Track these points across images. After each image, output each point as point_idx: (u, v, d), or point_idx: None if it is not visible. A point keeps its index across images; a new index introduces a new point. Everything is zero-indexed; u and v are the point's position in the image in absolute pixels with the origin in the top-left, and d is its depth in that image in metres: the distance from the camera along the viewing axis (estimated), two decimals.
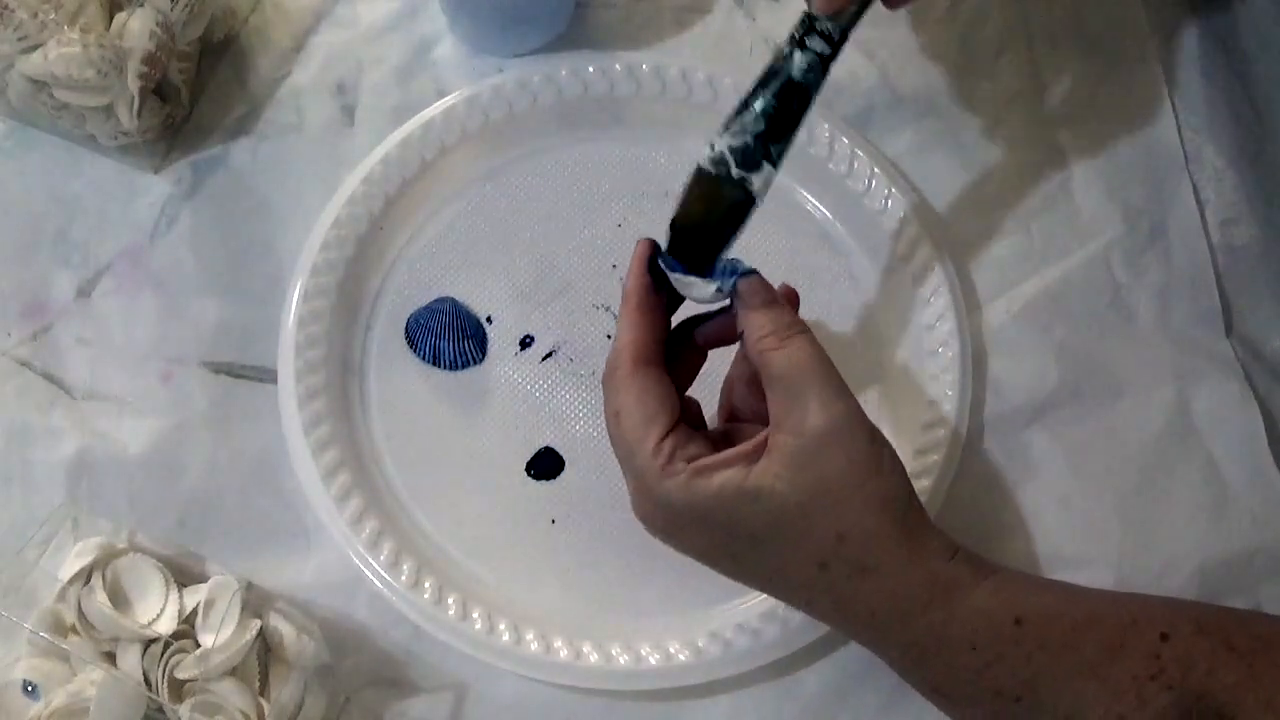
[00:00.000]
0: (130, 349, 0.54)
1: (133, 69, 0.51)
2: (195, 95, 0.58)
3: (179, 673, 0.44)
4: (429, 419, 0.53)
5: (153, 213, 0.56)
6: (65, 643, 0.44)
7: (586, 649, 0.48)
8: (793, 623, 0.48)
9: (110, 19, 0.51)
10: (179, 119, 0.57)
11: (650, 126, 0.57)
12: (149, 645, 0.44)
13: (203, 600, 0.45)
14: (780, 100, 0.42)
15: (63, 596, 0.45)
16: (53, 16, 0.49)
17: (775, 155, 0.42)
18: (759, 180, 0.42)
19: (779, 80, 0.42)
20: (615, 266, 0.55)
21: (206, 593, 0.46)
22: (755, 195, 0.42)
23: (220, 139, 0.57)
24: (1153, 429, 0.53)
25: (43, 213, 0.56)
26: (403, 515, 0.52)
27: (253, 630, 0.45)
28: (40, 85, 0.52)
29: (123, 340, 0.54)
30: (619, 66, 0.57)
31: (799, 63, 0.42)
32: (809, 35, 0.42)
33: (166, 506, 0.51)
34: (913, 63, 0.59)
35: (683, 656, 0.48)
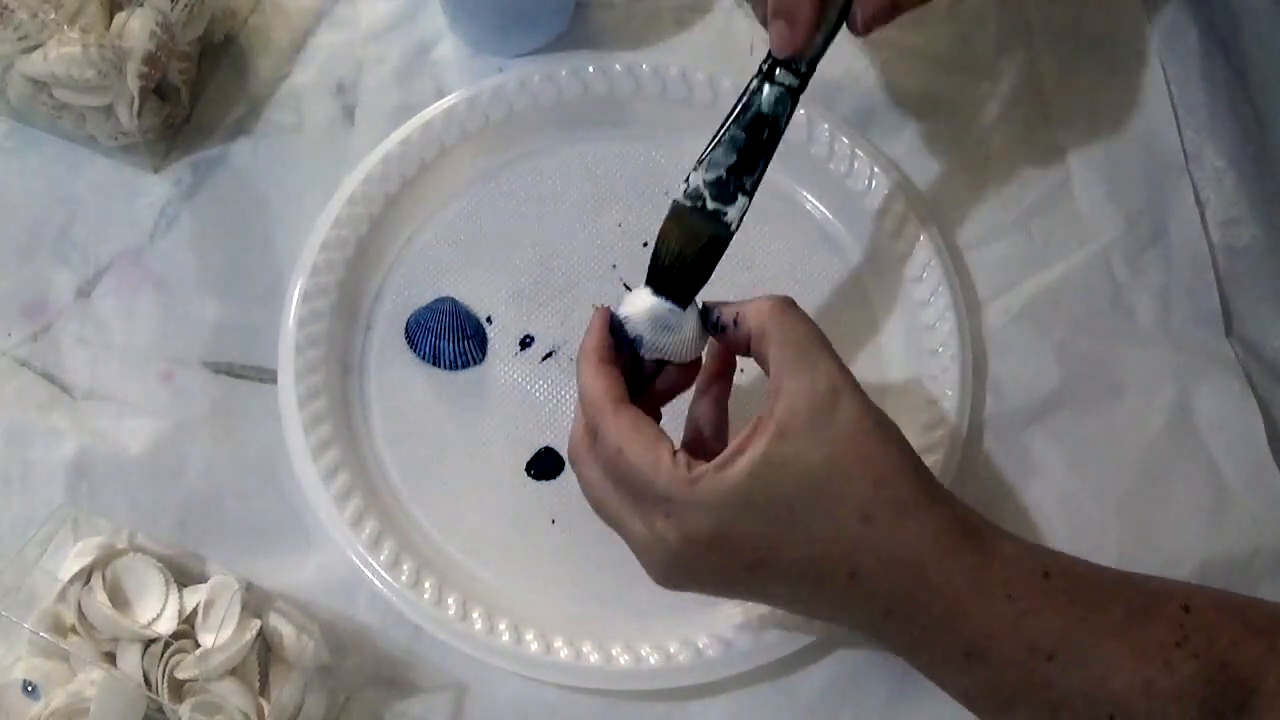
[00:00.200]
0: (130, 349, 0.54)
1: (133, 69, 0.51)
2: (195, 95, 0.58)
3: (179, 673, 0.44)
4: (429, 419, 0.53)
5: (153, 213, 0.56)
6: (65, 643, 0.44)
7: (586, 649, 0.48)
8: (793, 623, 0.48)
9: (110, 19, 0.51)
10: (179, 119, 0.57)
11: (650, 126, 0.57)
12: (149, 645, 0.44)
13: (203, 600, 0.45)
14: (750, 134, 0.43)
15: (63, 596, 0.45)
16: (53, 16, 0.49)
17: (749, 186, 0.43)
18: (734, 211, 0.43)
19: (748, 114, 0.43)
20: (615, 266, 0.55)
21: (206, 593, 0.46)
22: (730, 226, 0.43)
23: (220, 139, 0.57)
24: (1153, 429, 0.53)
25: (43, 213, 0.56)
26: (403, 515, 0.51)
27: (253, 630, 0.45)
28: (40, 85, 0.52)
29: (123, 340, 0.54)
30: (619, 66, 0.57)
31: (767, 96, 0.43)
32: (777, 69, 0.43)
33: (166, 506, 0.51)
34: (913, 63, 0.59)
35: (683, 656, 0.48)
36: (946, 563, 0.38)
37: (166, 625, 0.45)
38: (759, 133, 0.43)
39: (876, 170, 0.55)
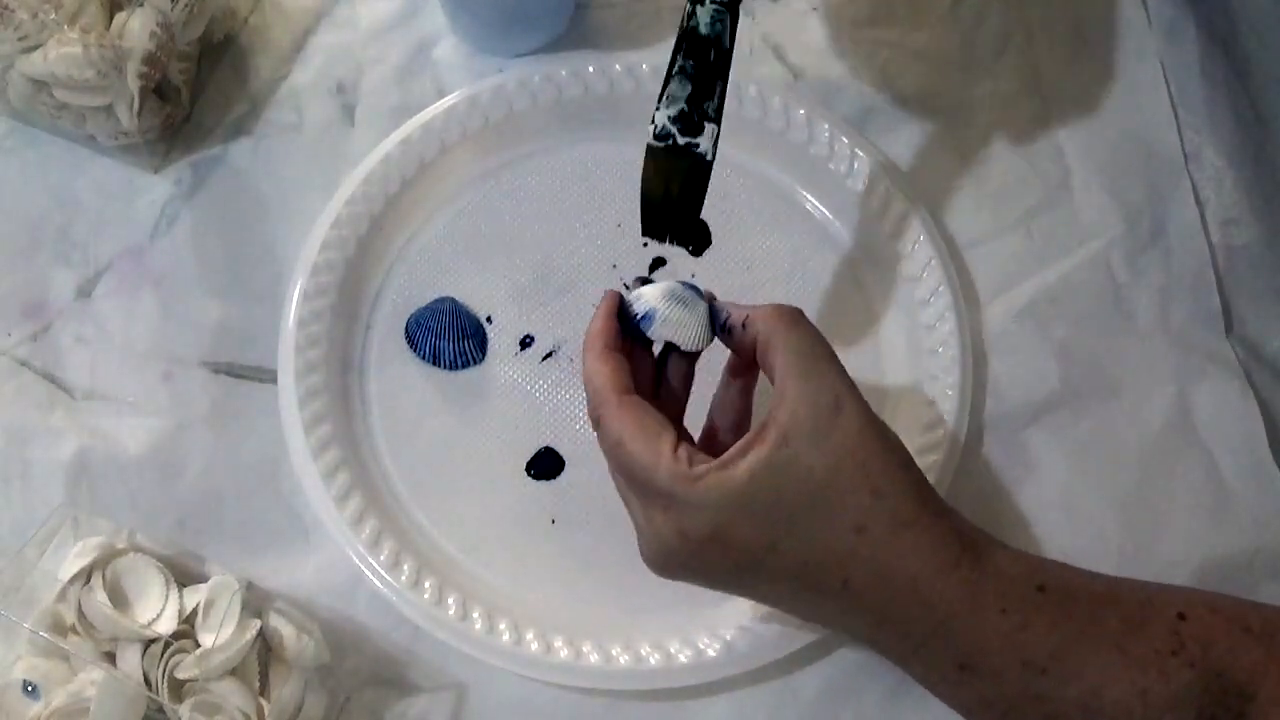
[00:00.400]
0: (130, 349, 0.54)
1: (133, 69, 0.51)
2: (195, 95, 0.58)
3: (179, 673, 0.44)
4: (429, 419, 0.53)
5: (153, 213, 0.56)
6: (65, 643, 0.44)
7: (586, 649, 0.48)
8: (793, 623, 0.48)
9: (110, 19, 0.51)
10: (179, 119, 0.57)
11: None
12: (149, 645, 0.44)
13: (203, 600, 0.45)
14: (697, 59, 0.43)
15: (63, 596, 0.45)
16: (53, 16, 0.49)
17: (712, 113, 0.43)
18: (705, 140, 0.43)
19: (690, 40, 0.43)
20: (615, 266, 0.55)
21: (206, 593, 0.46)
22: (705, 155, 0.43)
23: (220, 139, 0.57)
24: (1153, 429, 0.53)
25: (43, 212, 0.56)
26: (403, 515, 0.51)
27: (253, 630, 0.45)
28: (40, 85, 0.52)
29: (123, 340, 0.54)
30: (619, 66, 0.57)
31: (703, 17, 0.43)
32: None
33: (166, 506, 0.51)
34: (913, 63, 0.59)
35: (683, 657, 0.48)
36: (940, 577, 0.38)
37: (166, 625, 0.45)
38: (705, 55, 0.43)
39: (876, 170, 0.55)
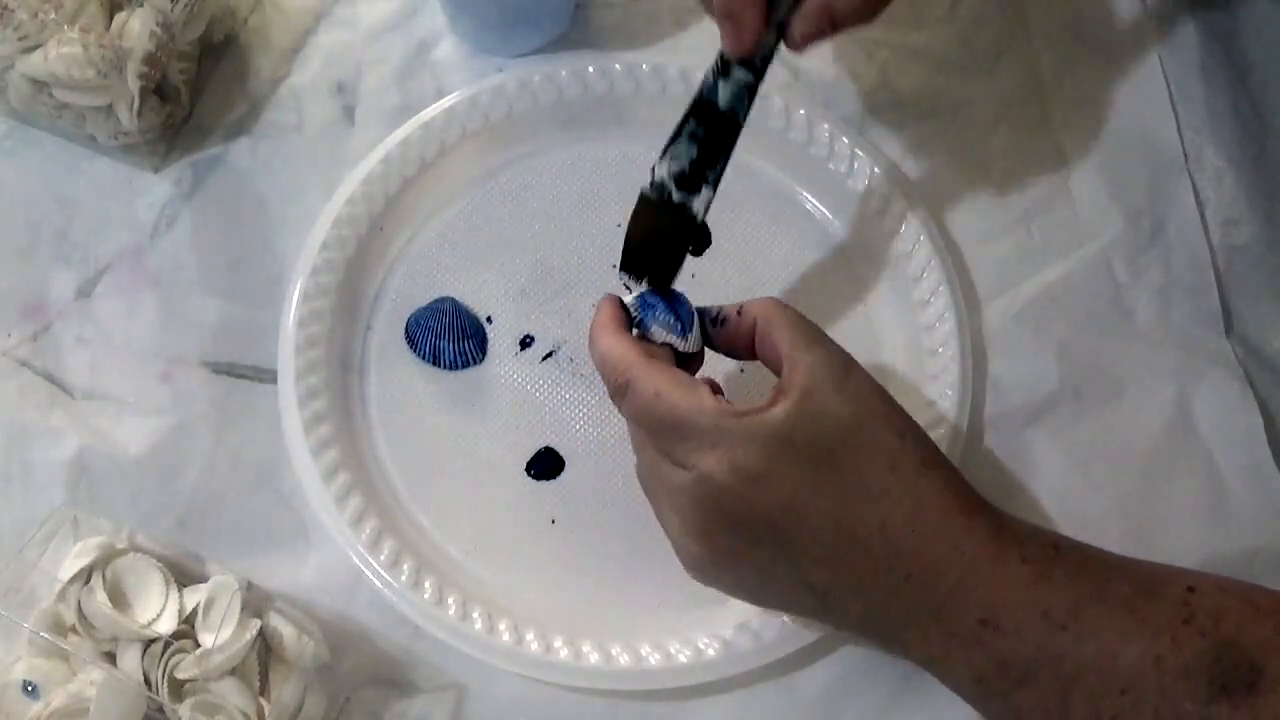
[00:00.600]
0: (130, 349, 0.54)
1: (133, 69, 0.51)
2: (195, 95, 0.58)
3: (179, 673, 0.44)
4: (429, 419, 0.53)
5: (153, 213, 0.56)
6: (65, 643, 0.44)
7: (586, 649, 0.48)
8: (793, 622, 0.48)
9: (110, 19, 0.51)
10: (179, 119, 0.57)
11: (650, 126, 0.57)
12: (149, 645, 0.44)
13: (203, 600, 0.45)
14: (709, 129, 0.44)
15: (63, 596, 0.44)
16: (53, 16, 0.49)
17: (711, 179, 0.44)
18: (698, 203, 0.44)
19: (707, 110, 0.44)
20: (615, 266, 0.55)
21: (206, 593, 0.46)
22: (696, 215, 0.44)
23: (220, 139, 0.57)
24: (1153, 429, 0.53)
25: (43, 213, 0.56)
26: (403, 515, 0.51)
27: (253, 630, 0.45)
28: (40, 85, 0.52)
29: (123, 340, 0.54)
30: (619, 66, 0.57)
31: (724, 93, 0.44)
32: (734, 66, 0.44)
33: (166, 506, 0.51)
34: (913, 63, 0.59)
35: (683, 657, 0.48)
36: (967, 518, 0.39)
37: (166, 625, 0.45)
38: (718, 128, 0.44)
39: (876, 170, 0.55)
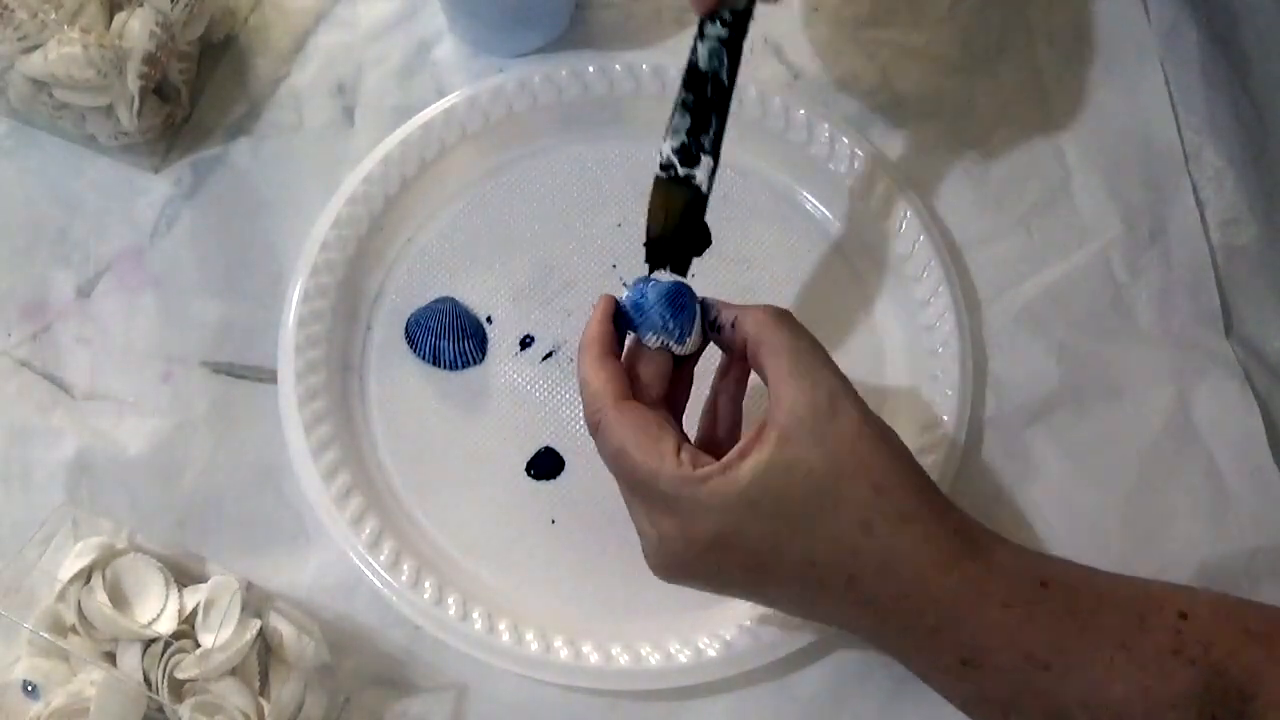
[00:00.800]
0: (130, 349, 0.54)
1: (133, 69, 0.51)
2: (195, 95, 0.58)
3: (179, 673, 0.44)
4: (429, 419, 0.53)
5: (153, 213, 0.56)
6: (65, 643, 0.44)
7: (586, 649, 0.48)
8: (793, 623, 0.48)
9: (110, 19, 0.51)
10: (179, 119, 0.57)
11: (650, 126, 0.57)
12: (149, 645, 0.44)
13: (203, 600, 0.45)
14: (695, 92, 0.44)
15: (63, 596, 0.44)
16: (53, 16, 0.49)
17: (709, 146, 0.44)
18: (701, 172, 0.44)
19: (690, 74, 0.44)
20: (615, 266, 0.55)
21: (206, 593, 0.46)
22: (700, 186, 0.44)
23: (220, 139, 0.57)
24: (1153, 429, 0.53)
25: (43, 213, 0.56)
26: (403, 515, 0.51)
27: (253, 630, 0.45)
28: (40, 85, 0.52)
29: (123, 340, 0.54)
30: (619, 66, 0.57)
31: (701, 53, 0.44)
32: (706, 23, 0.44)
33: (166, 506, 0.51)
34: (913, 63, 0.59)
35: (683, 657, 0.48)
36: (944, 572, 0.38)
37: (166, 625, 0.45)
38: (703, 90, 0.44)
39: (876, 170, 0.55)
